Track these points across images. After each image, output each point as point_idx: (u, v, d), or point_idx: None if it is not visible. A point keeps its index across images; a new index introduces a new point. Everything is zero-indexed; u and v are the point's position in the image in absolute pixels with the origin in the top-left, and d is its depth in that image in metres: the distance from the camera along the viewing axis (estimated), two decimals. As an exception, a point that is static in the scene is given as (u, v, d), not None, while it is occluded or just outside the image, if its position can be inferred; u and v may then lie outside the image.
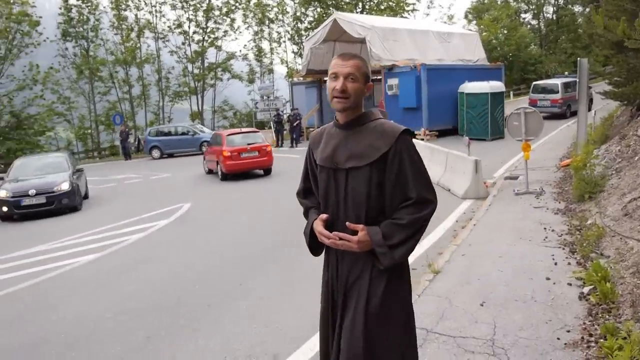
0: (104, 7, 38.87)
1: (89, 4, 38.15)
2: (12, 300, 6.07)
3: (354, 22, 24.15)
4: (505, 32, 47.30)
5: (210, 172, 17.30)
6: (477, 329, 3.94)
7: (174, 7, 40.09)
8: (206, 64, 41.26)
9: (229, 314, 4.98)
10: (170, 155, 27.29)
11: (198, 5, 40.02)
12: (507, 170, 12.08)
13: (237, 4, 40.61)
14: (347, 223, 2.27)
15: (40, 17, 36.80)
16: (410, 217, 2.24)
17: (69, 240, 9.13)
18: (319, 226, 2.35)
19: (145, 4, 39.50)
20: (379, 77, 22.43)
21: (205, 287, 5.89)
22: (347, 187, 2.32)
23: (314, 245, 2.50)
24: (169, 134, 28.57)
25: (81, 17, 38.15)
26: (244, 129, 17.84)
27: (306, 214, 2.59)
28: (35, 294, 6.22)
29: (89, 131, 39.48)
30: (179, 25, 40.18)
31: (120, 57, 38.51)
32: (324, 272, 2.49)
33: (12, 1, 35.83)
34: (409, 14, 43.35)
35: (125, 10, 38.98)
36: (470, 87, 20.03)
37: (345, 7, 39.61)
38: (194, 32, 40.75)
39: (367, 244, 2.23)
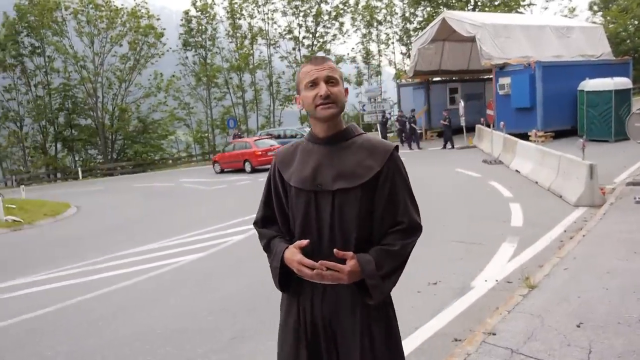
0: (220, 17, 41.14)
1: (207, 14, 40.46)
2: (119, 295, 6.56)
3: (464, 20, 23.34)
4: (636, 22, 43.19)
5: (222, 171, 23.96)
6: (569, 352, 3.59)
7: (284, 13, 41.39)
8: (315, 68, 42.10)
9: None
10: (280, 157, 28.08)
11: (308, 11, 40.97)
12: (630, 176, 11.00)
13: (346, 8, 41.01)
14: (335, 250, 1.93)
15: (164, 29, 39.70)
16: (402, 242, 2.00)
17: (176, 240, 9.71)
18: (296, 255, 1.99)
19: (258, 12, 41.17)
20: (489, 77, 21.51)
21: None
22: (334, 213, 2.00)
23: (286, 280, 2.11)
24: (278, 137, 29.47)
25: (200, 28, 40.60)
26: (262, 136, 24.51)
27: (267, 246, 2.19)
28: (144, 289, 6.67)
29: (206, 134, 41.91)
30: (290, 31, 41.42)
31: (234, 64, 40.47)
32: (288, 312, 2.13)
33: (140, 15, 38.88)
34: (525, 9, 41.12)
35: (239, 19, 40.92)
36: (592, 84, 18.54)
37: (456, 5, 38.45)
38: (304, 37, 41.81)
39: (357, 274, 1.94)
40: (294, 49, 41.66)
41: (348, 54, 42.22)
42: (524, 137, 18.04)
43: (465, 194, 11.15)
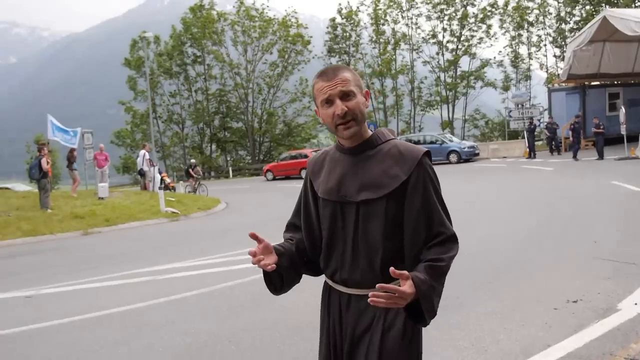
0: (365, 24, 41.78)
1: (352, 21, 41.36)
2: (256, 285, 6.98)
3: (629, 17, 21.21)
4: None
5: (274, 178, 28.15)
6: None
7: (429, 18, 40.86)
8: (459, 72, 41.00)
9: (477, 311, 4.88)
10: (417, 164, 27.83)
11: (453, 15, 40.04)
12: None
13: (494, 10, 39.39)
14: (391, 269, 1.70)
15: (311, 36, 41.37)
16: (447, 256, 1.85)
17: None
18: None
19: (402, 17, 41.13)
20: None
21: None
22: (358, 224, 1.90)
23: (273, 285, 2.11)
24: (417, 142, 29.15)
25: (344, 34, 41.62)
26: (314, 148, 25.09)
27: None
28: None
29: (347, 139, 42.77)
30: (434, 36, 40.79)
31: (376, 69, 40.85)
32: (325, 318, 2.08)
33: (289, 25, 40.94)
34: None
35: (383, 25, 41.22)
36: None
37: (620, 2, 35.03)
38: (448, 41, 40.90)
39: (411, 295, 1.74)
40: (437, 53, 40.96)
41: (495, 57, 40.48)
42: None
43: (621, 209, 10.15)
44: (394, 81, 41.32)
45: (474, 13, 39.73)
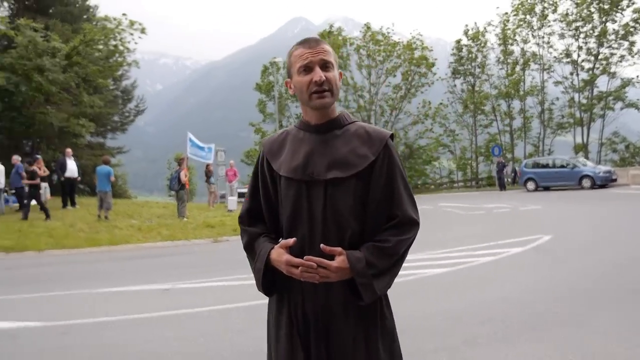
0: (492, 44, 40.76)
1: (478, 42, 40.60)
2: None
3: None
4: None
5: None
6: None
7: (562, 36, 38.88)
8: (595, 93, 38.36)
9: (552, 344, 4.82)
10: (546, 189, 26.50)
11: (590, 32, 37.71)
12: None
13: (638, 25, 36.45)
14: (321, 245, 1.79)
15: (436, 59, 41.23)
16: (396, 239, 1.86)
17: (425, 255, 10.16)
18: (284, 255, 1.86)
19: (533, 36, 39.57)
20: None
21: (534, 312, 5.80)
22: (327, 204, 1.87)
23: (269, 283, 1.98)
24: (546, 166, 27.76)
25: (470, 55, 40.94)
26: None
27: (250, 246, 2.05)
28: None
29: (469, 162, 41.78)
30: (567, 55, 38.67)
31: (503, 90, 39.59)
32: (279, 310, 1.98)
33: (414, 47, 41.15)
34: None
35: (512, 45, 39.93)
36: None
37: None
38: (583, 60, 38.51)
39: (346, 272, 1.80)
40: (571, 73, 38.69)
41: (638, 76, 37.29)
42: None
43: None
44: (522, 102, 39.69)
45: (614, 30, 37.08)
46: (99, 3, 37.41)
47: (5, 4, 28.52)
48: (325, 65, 1.89)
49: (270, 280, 1.97)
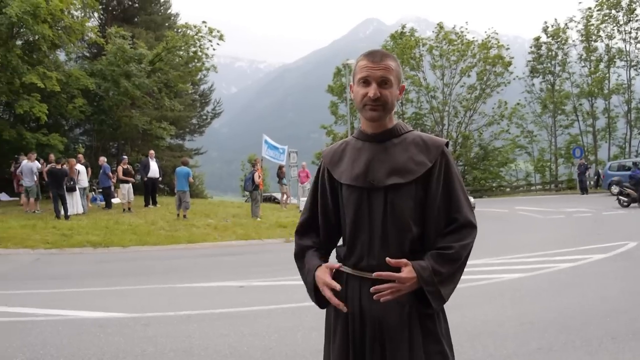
0: (573, 41, 38.92)
1: (559, 39, 38.91)
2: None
3: None
4: None
5: None
6: None
7: (651, 30, 36.50)
8: (692, 90, 35.72)
9: (632, 355, 4.60)
10: (634, 192, 24.93)
11: (683, 25, 35.18)
12: None
13: None
14: (387, 259, 1.85)
15: (512, 57, 39.93)
16: (458, 245, 1.90)
17: (500, 259, 9.90)
18: (326, 276, 2.00)
19: (619, 31, 37.39)
20: None
21: (615, 321, 5.54)
22: (387, 209, 1.94)
23: (322, 297, 2.06)
24: (629, 169, 26.16)
25: (550, 53, 39.31)
26: None
27: (301, 256, 2.18)
28: (463, 295, 7.15)
29: (548, 164, 40.10)
30: (657, 50, 36.25)
31: (585, 89, 37.71)
32: (337, 313, 2.05)
33: (489, 46, 40.00)
34: None
35: (595, 41, 37.96)
36: None
37: None
38: (676, 56, 35.94)
39: (414, 282, 1.85)
40: (662, 69, 36.26)
41: None
42: None
43: None
44: (607, 102, 37.56)
45: None
46: (180, 11, 39.12)
47: (96, 14, 30.40)
48: (384, 82, 1.96)
49: (322, 295, 2.06)
